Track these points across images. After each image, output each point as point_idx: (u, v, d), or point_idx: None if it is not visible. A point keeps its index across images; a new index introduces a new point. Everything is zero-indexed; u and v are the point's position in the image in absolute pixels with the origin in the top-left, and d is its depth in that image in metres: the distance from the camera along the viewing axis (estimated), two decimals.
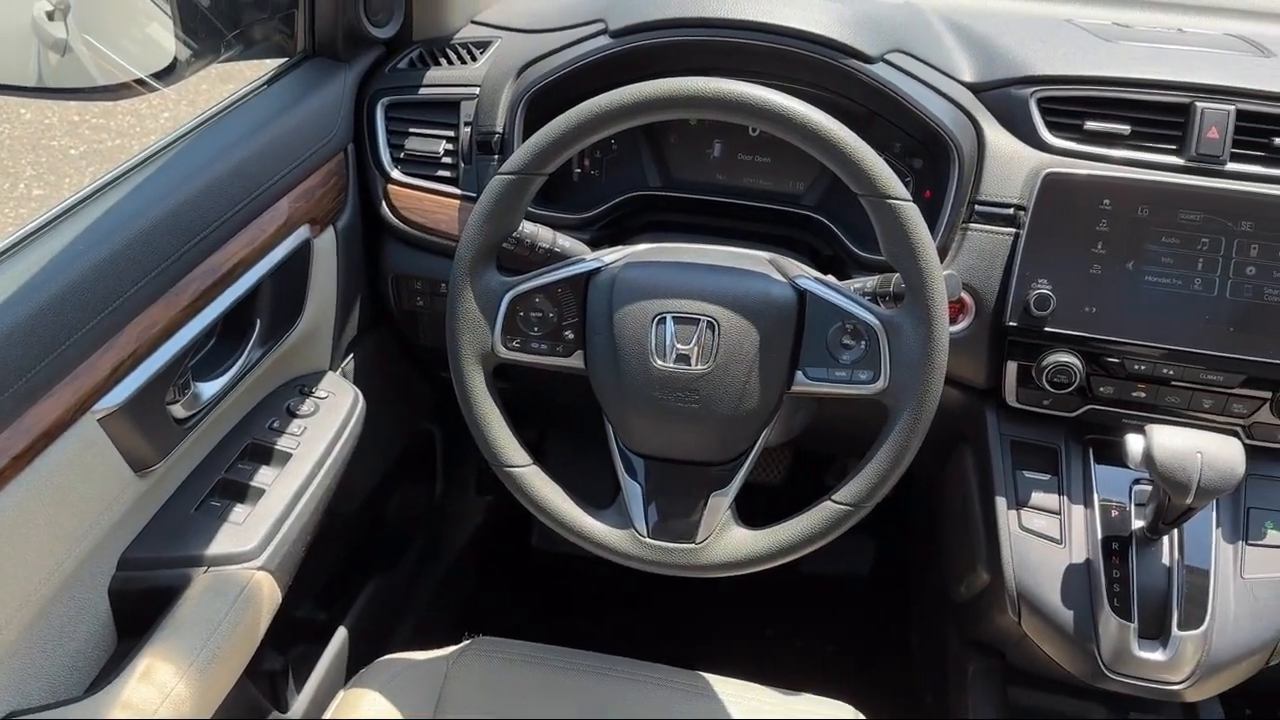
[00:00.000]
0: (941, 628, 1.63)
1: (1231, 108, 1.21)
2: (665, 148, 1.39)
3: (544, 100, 1.29)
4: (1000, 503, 1.26)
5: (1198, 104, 1.21)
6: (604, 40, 1.29)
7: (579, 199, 1.37)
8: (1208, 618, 1.18)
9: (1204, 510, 1.20)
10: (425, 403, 1.80)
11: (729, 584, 1.25)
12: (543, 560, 2.23)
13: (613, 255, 1.13)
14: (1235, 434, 1.22)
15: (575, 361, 1.12)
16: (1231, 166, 1.21)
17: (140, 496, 1.08)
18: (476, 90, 1.37)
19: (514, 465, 1.12)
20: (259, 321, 1.23)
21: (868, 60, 1.24)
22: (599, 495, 1.16)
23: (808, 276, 1.10)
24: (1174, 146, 1.23)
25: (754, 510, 1.14)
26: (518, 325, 1.10)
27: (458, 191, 1.37)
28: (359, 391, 1.38)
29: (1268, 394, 1.20)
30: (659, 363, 1.07)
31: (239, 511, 1.16)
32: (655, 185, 1.37)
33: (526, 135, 1.09)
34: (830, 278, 1.15)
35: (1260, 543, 1.22)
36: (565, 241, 1.17)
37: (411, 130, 1.39)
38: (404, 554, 1.90)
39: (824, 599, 2.15)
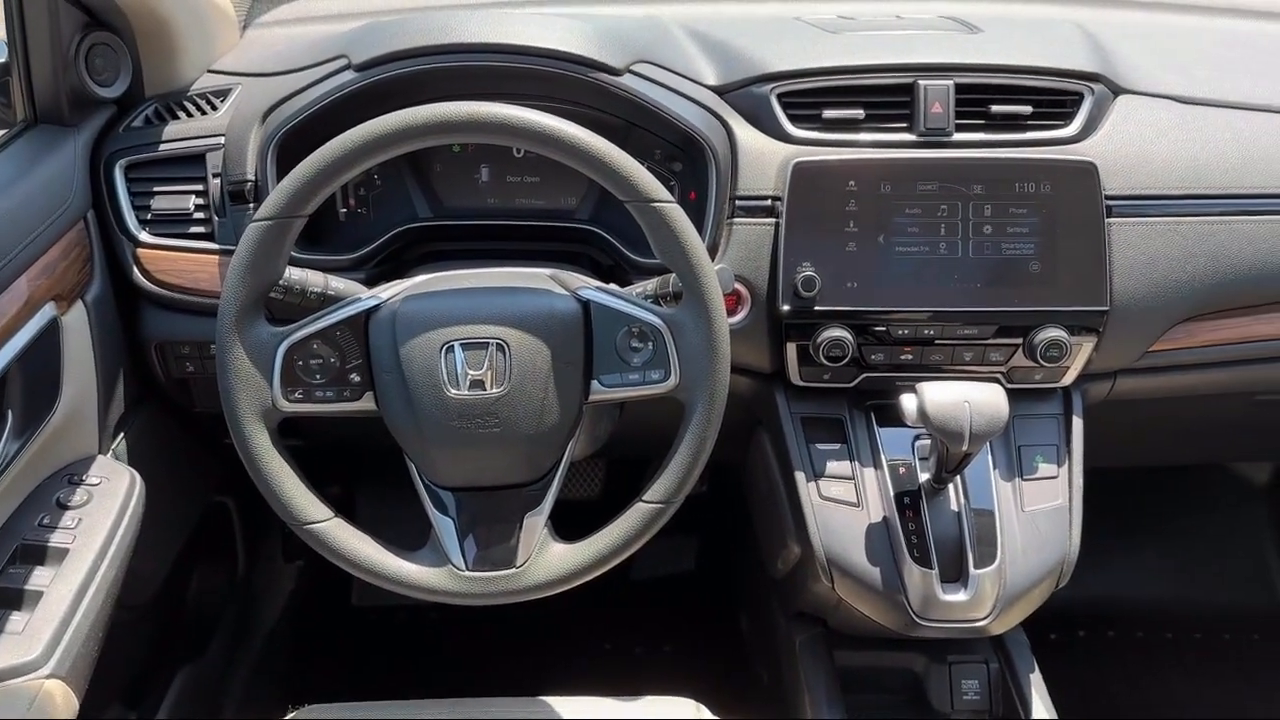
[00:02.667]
0: (767, 606, 1.69)
1: (950, 82, 1.31)
2: (432, 177, 1.37)
3: (295, 142, 1.25)
4: (800, 477, 1.32)
5: (920, 82, 1.31)
6: (349, 75, 1.27)
7: (348, 239, 1.33)
8: (999, 554, 1.27)
9: (980, 454, 1.29)
10: (213, 474, 1.70)
11: (562, 603, 1.25)
12: (366, 617, 2.15)
13: (390, 290, 1.11)
14: (997, 380, 1.32)
15: (366, 404, 1.09)
16: (958, 136, 1.31)
17: None
18: (221, 140, 1.31)
19: (314, 521, 1.08)
20: (10, 412, 1.13)
21: (615, 72, 1.28)
22: (418, 538, 1.14)
23: (589, 287, 1.12)
24: (905, 124, 1.32)
25: (576, 525, 1.14)
26: (298, 375, 1.06)
27: (215, 246, 1.31)
28: (135, 472, 1.29)
29: (1019, 340, 1.30)
30: (453, 392, 1.05)
31: (16, 619, 1.07)
32: (426, 216, 1.36)
33: (280, 180, 1.06)
34: (612, 285, 1.17)
35: (1034, 476, 1.33)
36: (338, 283, 1.14)
37: (156, 189, 1.32)
38: (212, 637, 1.79)
39: (656, 601, 2.18)
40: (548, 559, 1.10)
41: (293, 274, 1.10)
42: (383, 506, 1.80)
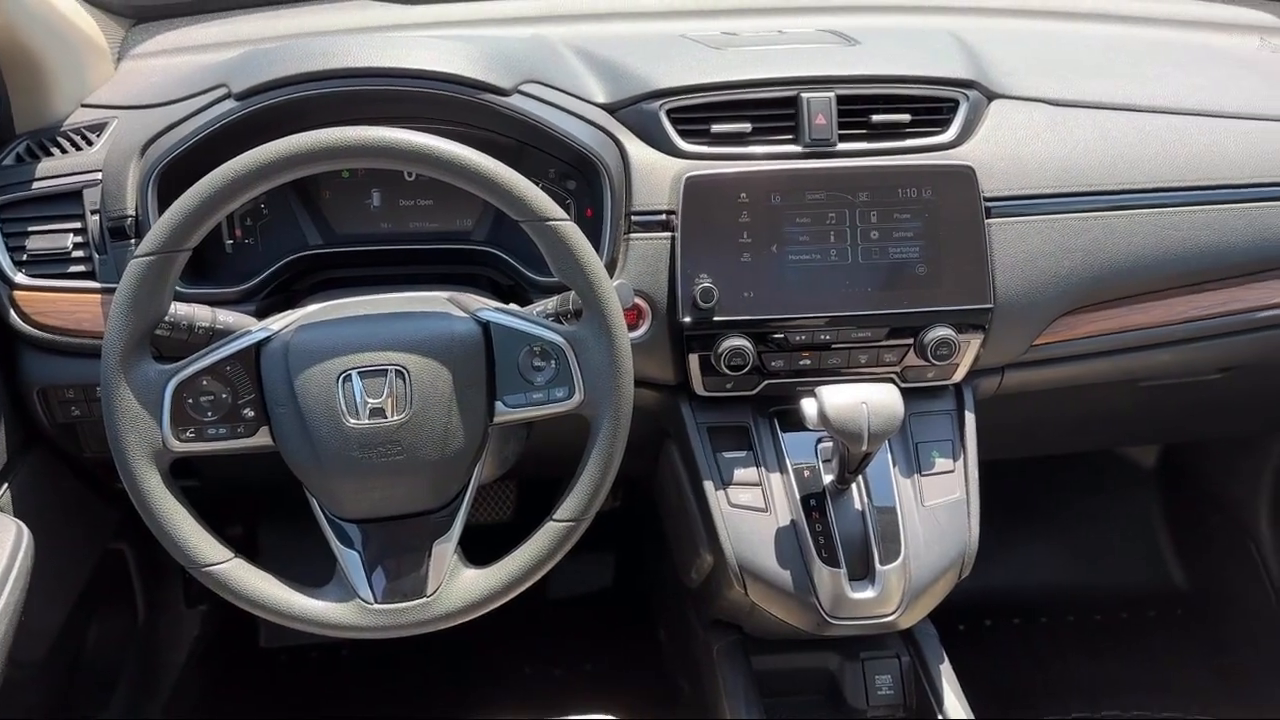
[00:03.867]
0: (684, 616, 1.70)
1: (831, 94, 1.34)
2: (321, 204, 1.35)
3: (177, 175, 1.22)
4: (708, 486, 1.33)
5: (803, 95, 1.34)
6: (229, 105, 1.24)
7: (236, 270, 1.31)
8: (903, 549, 1.30)
9: (880, 453, 1.32)
10: (107, 520, 1.64)
11: (477, 630, 1.24)
12: (277, 659, 2.10)
13: (281, 321, 1.09)
14: (891, 381, 1.35)
15: (262, 439, 1.06)
16: (842, 146, 1.35)
17: None
18: (98, 175, 1.27)
19: (213, 563, 1.05)
20: None
21: (503, 93, 1.28)
22: (326, 573, 1.12)
23: (488, 308, 1.12)
24: (791, 136, 1.35)
25: (490, 549, 1.14)
26: (188, 414, 1.03)
27: (97, 285, 1.27)
28: (21, 524, 1.23)
29: (910, 340, 1.34)
30: (352, 422, 1.04)
31: None
32: (317, 244, 1.33)
33: (162, 214, 1.03)
34: (512, 305, 1.17)
35: (932, 472, 1.37)
36: (228, 317, 1.11)
37: (31, 229, 1.28)
38: (114, 691, 1.72)
39: (574, 620, 2.18)
40: (459, 586, 1.09)
41: (179, 310, 1.07)
42: (288, 543, 1.76)
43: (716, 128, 1.34)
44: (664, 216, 1.32)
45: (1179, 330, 1.44)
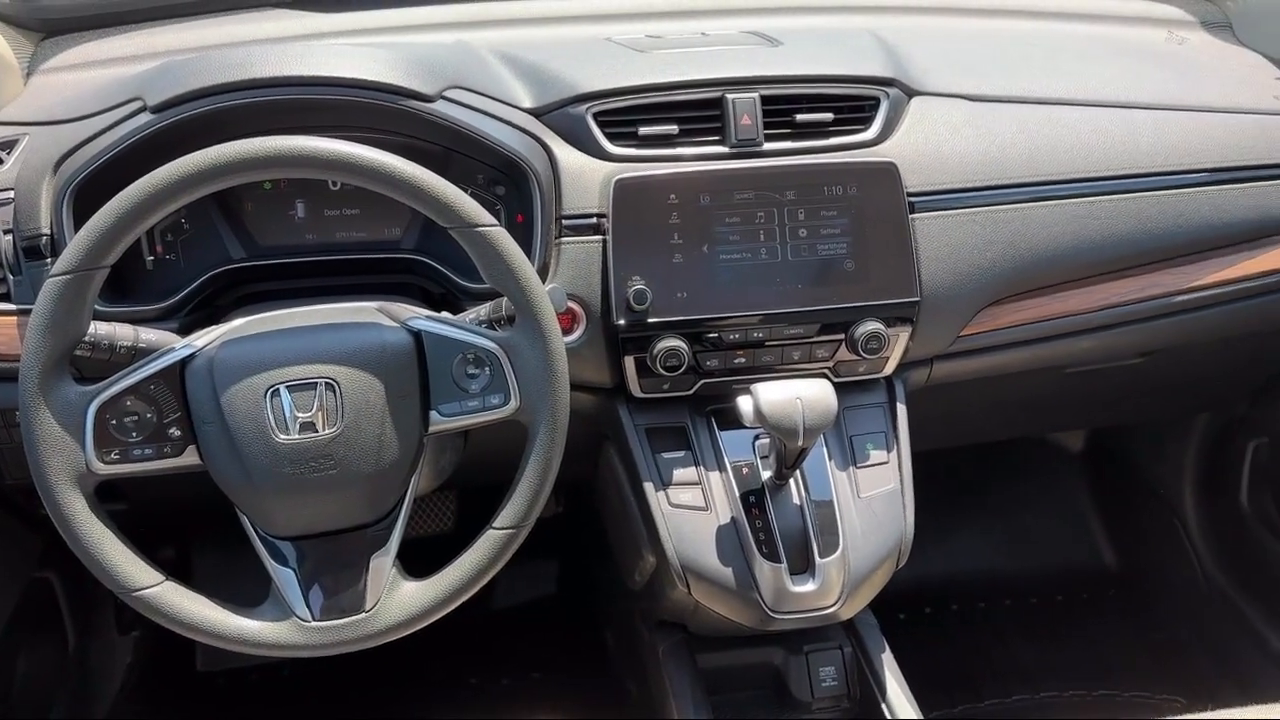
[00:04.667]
0: (629, 619, 1.70)
1: (756, 95, 1.36)
2: (244, 216, 1.33)
3: (93, 190, 1.19)
4: (648, 487, 1.34)
5: (728, 96, 1.35)
6: (145, 118, 1.21)
7: (157, 287, 1.27)
8: (841, 541, 1.32)
9: (816, 448, 1.34)
10: (32, 548, 1.59)
11: (421, 643, 1.23)
12: (215, 682, 2.05)
13: (206, 338, 1.07)
14: (825, 376, 1.37)
15: (189, 459, 1.04)
16: (768, 146, 1.36)
17: None
18: (10, 194, 1.24)
19: (143, 587, 1.02)
20: None
21: (427, 99, 1.27)
22: (263, 592, 1.10)
23: (420, 317, 1.11)
24: (718, 137, 1.36)
25: (431, 561, 1.12)
26: (112, 435, 1.01)
27: (12, 307, 1.23)
28: None
29: (841, 335, 1.36)
30: (282, 437, 1.02)
31: None
32: (240, 257, 1.31)
33: (78, 231, 1.00)
34: (444, 313, 1.16)
35: (867, 464, 1.39)
36: (150, 335, 1.09)
37: None
38: None
39: (520, 629, 2.17)
40: (399, 599, 1.08)
41: (99, 329, 1.04)
42: (222, 564, 1.72)
43: (644, 130, 1.34)
44: (595, 220, 1.32)
45: (1099, 317, 1.48)
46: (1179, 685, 2.01)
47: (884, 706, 1.40)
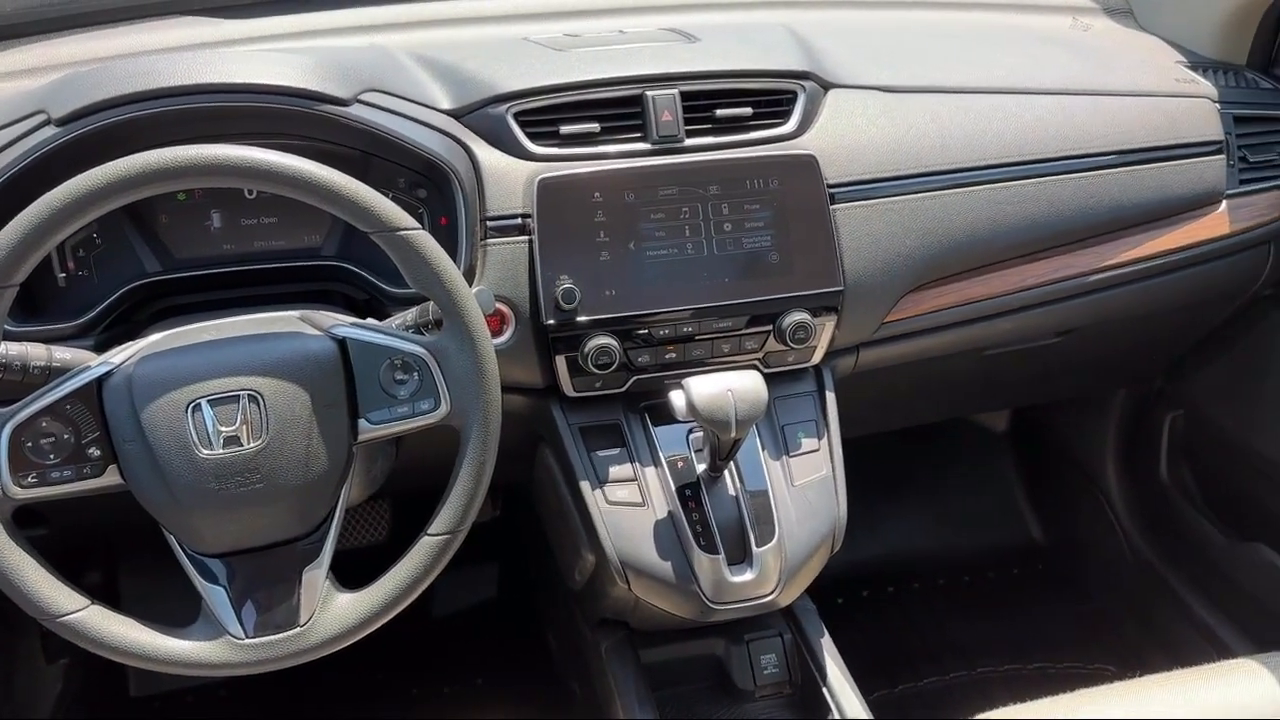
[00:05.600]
0: (571, 619, 1.70)
1: (675, 91, 1.37)
2: (158, 229, 1.29)
3: None
4: (585, 486, 1.34)
5: (648, 93, 1.36)
6: (50, 131, 1.18)
7: (71, 304, 1.24)
8: (777, 529, 1.33)
9: (749, 439, 1.35)
10: None
11: (361, 657, 1.21)
12: (150, 706, 2.00)
13: (123, 354, 1.04)
14: (755, 367, 1.38)
15: (111, 479, 1.02)
16: (689, 141, 1.37)
17: None
18: None
19: (67, 612, 1.00)
20: None
21: (342, 103, 1.25)
22: (196, 612, 1.07)
23: (343, 324, 1.09)
24: (639, 134, 1.36)
25: (368, 574, 1.11)
26: (28, 458, 0.98)
27: None
28: None
29: (769, 327, 1.37)
30: (205, 452, 1.00)
31: None
32: (156, 271, 1.28)
33: None
34: (369, 320, 1.15)
35: (799, 452, 1.40)
36: (64, 353, 1.06)
37: None
38: None
39: (461, 635, 2.15)
40: (334, 612, 1.07)
41: (10, 349, 1.01)
42: (151, 585, 1.68)
43: (565, 129, 1.34)
44: (520, 220, 1.31)
45: (1017, 299, 1.52)
46: (1109, 654, 2.07)
47: (825, 690, 1.42)
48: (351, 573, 1.12)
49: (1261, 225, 1.64)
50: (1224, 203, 1.61)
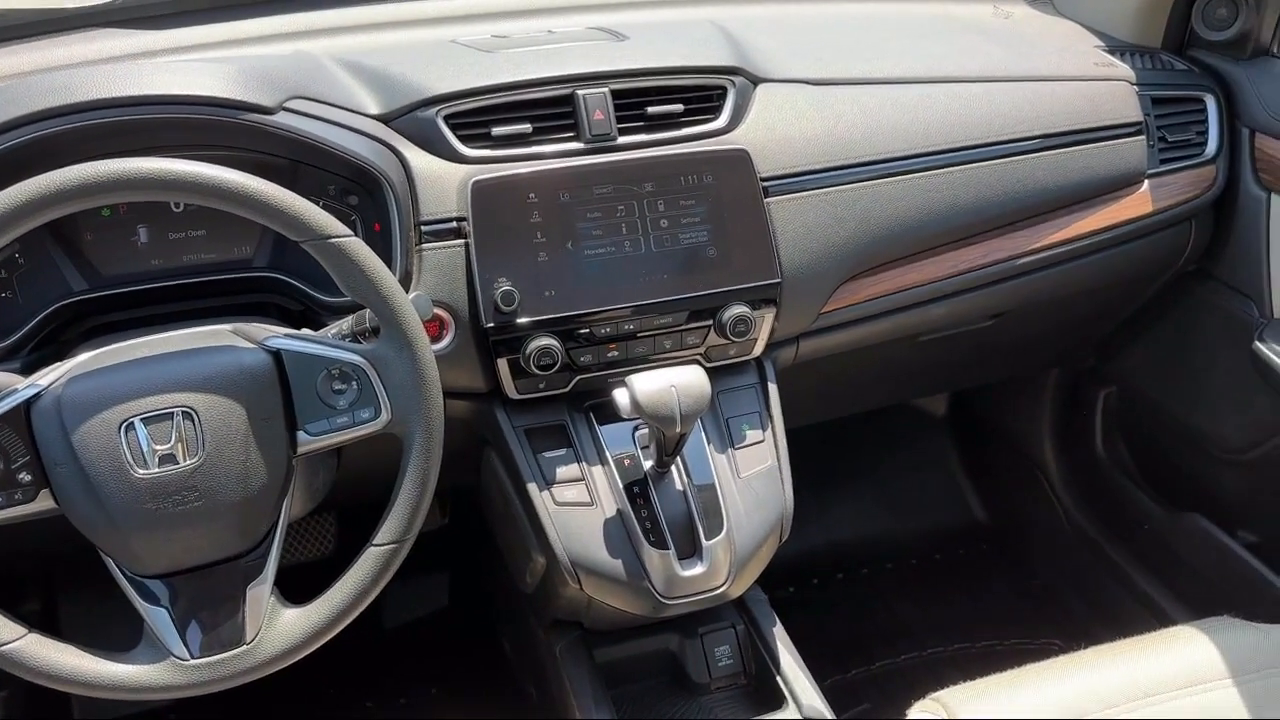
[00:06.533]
0: (524, 622, 1.69)
1: (606, 89, 1.37)
2: (83, 246, 1.26)
3: None
4: (532, 488, 1.33)
5: (579, 92, 1.36)
6: None
7: None
8: (725, 522, 1.34)
9: (694, 433, 1.36)
10: None
11: (312, 672, 1.19)
12: None
13: (51, 375, 1.01)
14: (697, 362, 1.39)
15: (44, 504, 0.99)
16: (622, 140, 1.37)
17: None
18: None
19: (4, 642, 0.97)
20: None
21: (267, 111, 1.23)
22: (139, 635, 1.05)
23: (278, 335, 1.08)
24: (572, 134, 1.36)
25: (316, 589, 1.10)
26: None
27: None
28: None
29: (709, 321, 1.38)
30: (141, 472, 0.98)
31: None
32: (82, 290, 1.25)
33: None
34: (304, 330, 1.13)
35: (744, 444, 1.41)
36: None
37: None
38: None
39: (414, 646, 2.13)
40: (280, 627, 1.05)
41: None
42: (92, 610, 1.64)
43: (497, 130, 1.33)
44: (455, 224, 1.30)
45: (949, 284, 1.55)
46: (1055, 629, 2.12)
47: (779, 679, 1.44)
48: (300, 588, 1.11)
49: (1182, 203, 1.69)
50: (1145, 182, 1.65)
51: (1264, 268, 1.69)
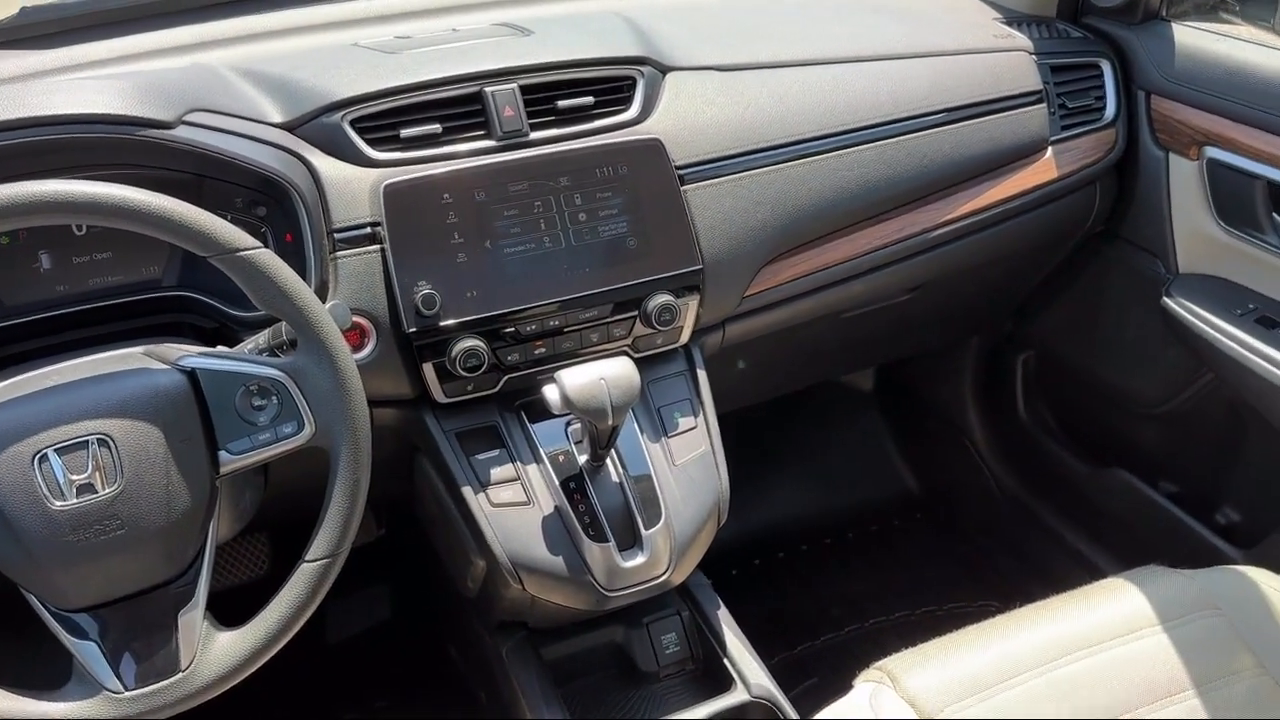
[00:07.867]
0: (469, 627, 1.68)
1: (514, 85, 1.36)
2: None
3: None
4: (467, 492, 1.32)
5: (487, 89, 1.35)
6: None
7: None
8: (663, 510, 1.34)
9: (627, 424, 1.36)
10: None
11: (254, 696, 1.16)
12: None
13: None
14: (625, 353, 1.39)
15: None
16: (535, 135, 1.36)
17: None
18: None
19: None
20: None
21: (166, 126, 1.20)
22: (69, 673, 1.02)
23: (191, 354, 1.05)
24: (483, 132, 1.35)
25: (254, 610, 1.07)
26: None
27: None
28: None
29: (634, 312, 1.38)
30: (58, 504, 0.95)
31: None
32: None
33: None
34: (219, 348, 1.11)
35: (677, 432, 1.42)
36: None
37: None
38: None
39: (358, 660, 2.10)
40: (216, 652, 1.03)
41: None
42: (22, 651, 1.58)
43: (405, 132, 1.32)
44: (369, 229, 1.28)
45: (867, 260, 1.57)
46: (992, 591, 2.17)
47: (727, 661, 1.45)
48: (237, 610, 1.08)
49: (1086, 167, 1.73)
50: (1049, 149, 1.70)
51: (1167, 225, 1.74)
